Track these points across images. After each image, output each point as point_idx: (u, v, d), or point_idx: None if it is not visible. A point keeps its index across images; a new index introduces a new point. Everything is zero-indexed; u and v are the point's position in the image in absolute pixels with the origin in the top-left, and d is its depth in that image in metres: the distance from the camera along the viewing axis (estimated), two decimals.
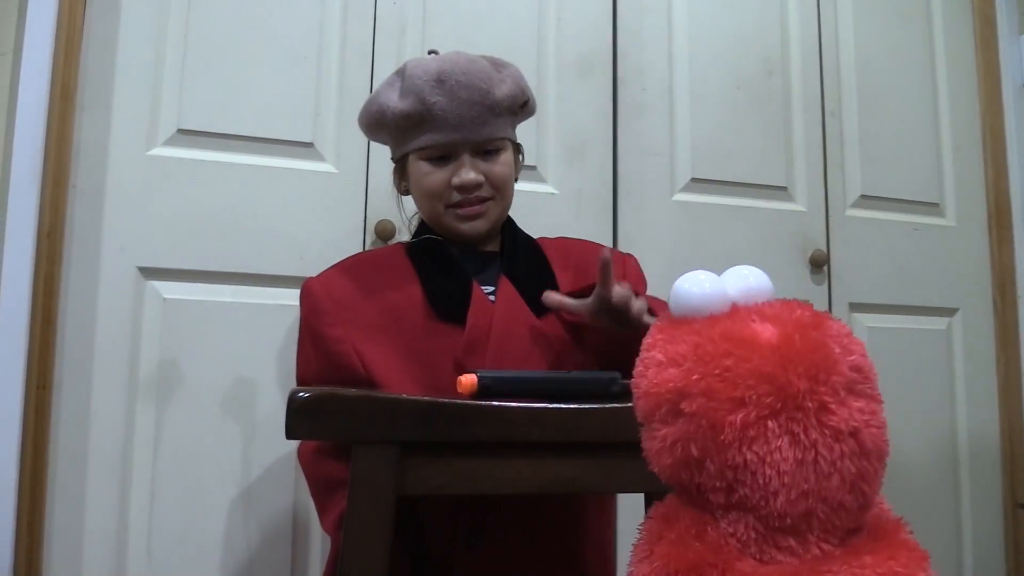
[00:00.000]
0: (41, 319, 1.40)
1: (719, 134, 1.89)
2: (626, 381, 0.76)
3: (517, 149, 1.29)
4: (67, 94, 1.46)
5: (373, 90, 1.61)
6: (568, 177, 1.76)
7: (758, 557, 0.65)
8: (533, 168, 1.72)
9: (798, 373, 0.64)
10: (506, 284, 1.20)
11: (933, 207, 2.08)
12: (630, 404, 0.71)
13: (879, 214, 2.02)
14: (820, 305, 1.91)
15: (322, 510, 1.14)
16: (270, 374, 1.51)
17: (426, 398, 0.86)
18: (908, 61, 2.11)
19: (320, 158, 1.60)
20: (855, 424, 0.64)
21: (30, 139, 1.41)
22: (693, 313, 0.70)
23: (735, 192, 1.89)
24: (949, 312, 2.07)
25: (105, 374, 1.44)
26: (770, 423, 0.63)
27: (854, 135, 2.01)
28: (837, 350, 0.66)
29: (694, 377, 0.65)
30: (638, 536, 0.70)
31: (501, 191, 1.23)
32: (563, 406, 0.87)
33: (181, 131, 1.53)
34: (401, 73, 1.21)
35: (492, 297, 1.19)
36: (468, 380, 0.94)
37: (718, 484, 0.65)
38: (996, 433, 2.07)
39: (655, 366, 0.68)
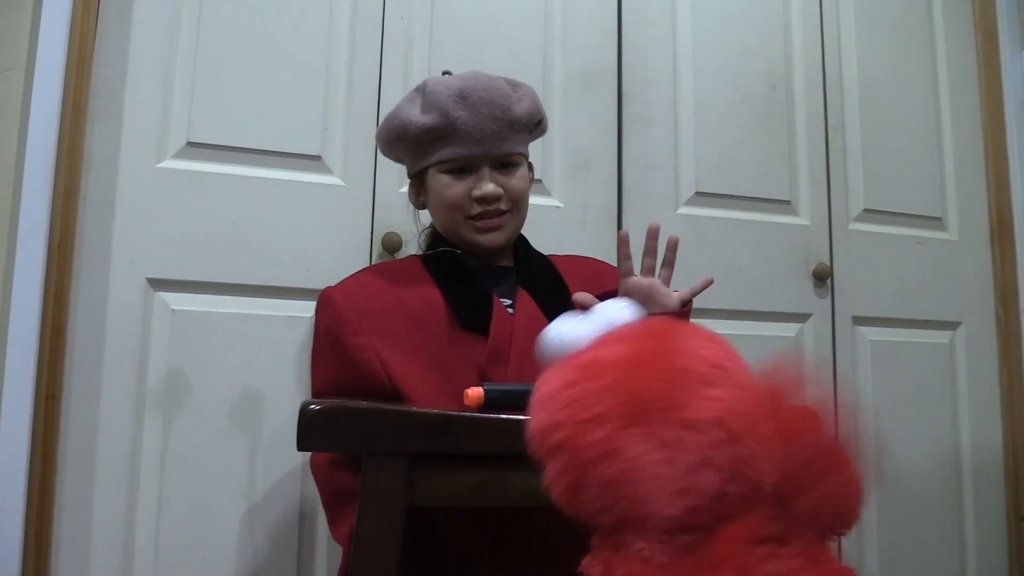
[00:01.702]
0: (51, 329, 1.41)
1: (723, 148, 1.91)
2: None
3: (530, 167, 1.31)
4: (78, 107, 1.48)
5: (384, 105, 1.64)
6: (573, 190, 1.77)
7: (667, 566, 0.64)
8: (538, 181, 1.73)
9: (648, 378, 0.65)
10: (524, 296, 1.22)
11: (936, 221, 2.10)
12: None
13: (882, 228, 2.03)
14: (823, 318, 1.93)
15: (334, 520, 1.15)
16: (277, 385, 1.52)
17: (435, 411, 0.87)
18: (911, 75, 2.12)
19: (328, 171, 1.62)
20: (716, 413, 0.63)
21: (42, 151, 1.43)
22: (559, 357, 0.74)
23: (739, 206, 1.91)
24: (952, 326, 2.08)
25: (113, 384, 1.45)
26: (632, 431, 0.63)
27: (857, 149, 2.03)
28: (689, 350, 0.68)
29: (553, 411, 0.66)
30: None
31: (518, 204, 1.26)
32: None
33: (191, 144, 1.54)
34: (421, 90, 1.24)
35: (510, 309, 1.21)
36: (475, 393, 0.95)
37: (600, 506, 0.64)
38: (999, 446, 2.07)
39: (532, 413, 0.70)
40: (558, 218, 1.74)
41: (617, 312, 0.80)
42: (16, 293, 1.39)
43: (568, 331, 0.78)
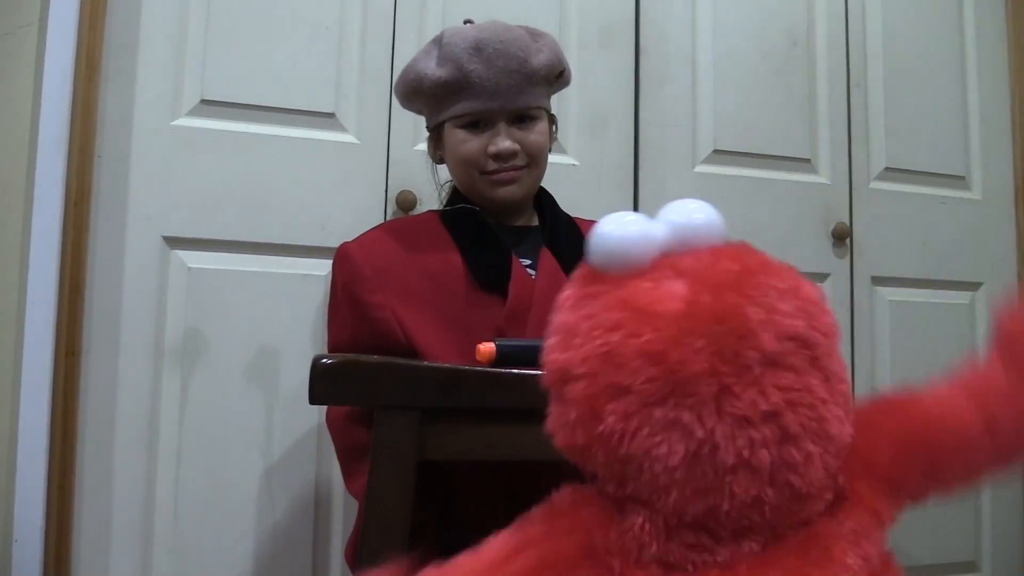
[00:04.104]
0: (69, 287, 1.42)
1: (742, 105, 1.87)
2: None
3: (551, 120, 1.29)
4: (92, 65, 1.47)
5: (398, 63, 1.62)
6: (589, 148, 1.76)
7: (663, 557, 0.56)
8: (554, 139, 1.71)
9: (696, 350, 0.54)
10: (548, 256, 1.21)
11: (959, 180, 2.06)
12: None
13: (904, 187, 2.00)
14: (842, 279, 1.91)
15: (349, 475, 1.16)
16: (293, 343, 1.53)
17: (447, 365, 0.87)
18: (936, 32, 2.07)
19: (342, 129, 1.61)
20: (772, 407, 0.54)
21: (56, 109, 1.43)
22: (611, 263, 0.61)
23: (758, 164, 1.88)
24: (973, 286, 2.05)
25: (131, 341, 1.46)
26: (656, 412, 0.53)
27: (879, 107, 1.99)
28: (760, 316, 0.55)
29: (579, 355, 0.57)
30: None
31: (536, 160, 1.24)
32: None
33: (204, 101, 1.54)
34: (438, 41, 1.21)
35: (530, 271, 1.20)
36: (486, 348, 0.95)
37: (607, 475, 0.57)
38: None
39: (553, 336, 0.60)
40: (574, 176, 1.72)
41: (693, 216, 0.64)
42: (34, 251, 1.40)
43: (633, 234, 0.61)
